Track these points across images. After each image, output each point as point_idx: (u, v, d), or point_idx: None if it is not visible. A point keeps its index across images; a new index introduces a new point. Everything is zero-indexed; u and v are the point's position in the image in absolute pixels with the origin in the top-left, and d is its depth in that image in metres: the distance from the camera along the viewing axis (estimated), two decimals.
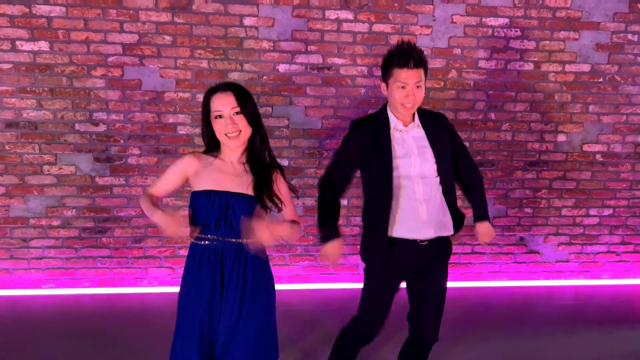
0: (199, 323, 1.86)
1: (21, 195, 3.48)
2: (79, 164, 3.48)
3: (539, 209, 3.92)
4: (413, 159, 2.13)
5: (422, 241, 2.16)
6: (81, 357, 2.87)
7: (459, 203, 2.34)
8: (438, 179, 2.19)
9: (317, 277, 3.82)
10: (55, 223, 3.53)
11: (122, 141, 3.48)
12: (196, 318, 1.86)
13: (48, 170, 3.47)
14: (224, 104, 1.85)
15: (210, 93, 1.90)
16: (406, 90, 2.05)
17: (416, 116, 2.21)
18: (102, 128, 3.45)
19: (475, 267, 3.97)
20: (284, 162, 3.63)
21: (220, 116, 1.86)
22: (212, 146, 1.96)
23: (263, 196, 1.88)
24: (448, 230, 2.24)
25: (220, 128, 1.86)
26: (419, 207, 2.13)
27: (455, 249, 3.86)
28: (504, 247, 3.95)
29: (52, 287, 3.62)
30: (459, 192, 2.38)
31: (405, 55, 2.02)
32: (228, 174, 1.90)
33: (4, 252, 3.53)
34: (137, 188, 3.54)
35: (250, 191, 1.88)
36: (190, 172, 1.92)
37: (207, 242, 1.86)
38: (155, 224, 1.90)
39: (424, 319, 2.28)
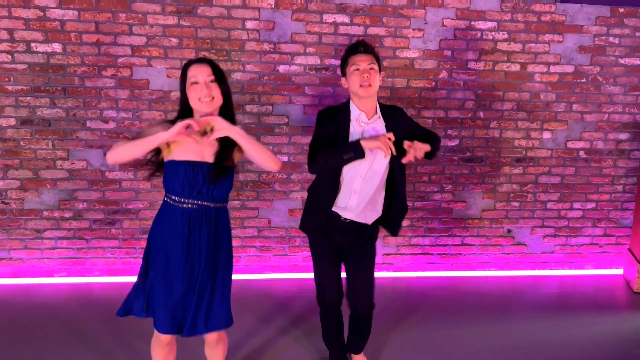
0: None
1: (35, 189, 3.65)
2: (90, 159, 3.65)
3: (525, 202, 4.11)
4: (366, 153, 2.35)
5: (345, 219, 2.47)
6: (92, 340, 3.03)
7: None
8: (384, 174, 2.43)
9: None
10: (67, 215, 3.71)
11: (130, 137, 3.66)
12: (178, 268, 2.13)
13: (61, 165, 3.64)
14: (200, 72, 2.04)
15: (188, 64, 2.09)
16: (360, 71, 2.31)
17: (378, 108, 2.44)
18: (111, 125, 3.63)
19: (465, 257, 4.16)
20: (284, 158, 3.81)
21: (196, 82, 2.03)
22: (185, 115, 2.10)
23: (222, 163, 2.07)
24: (367, 221, 2.51)
25: (194, 94, 2.03)
26: (351, 195, 2.42)
27: (445, 240, 4.10)
28: (492, 239, 4.15)
29: (64, 276, 3.78)
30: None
31: (356, 45, 2.37)
32: (204, 144, 2.06)
33: (19, 242, 3.71)
34: (145, 182, 3.72)
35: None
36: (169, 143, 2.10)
37: (187, 205, 2.06)
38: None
39: (357, 292, 2.56)
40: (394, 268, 4.10)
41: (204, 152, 2.08)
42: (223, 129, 1.97)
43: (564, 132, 4.02)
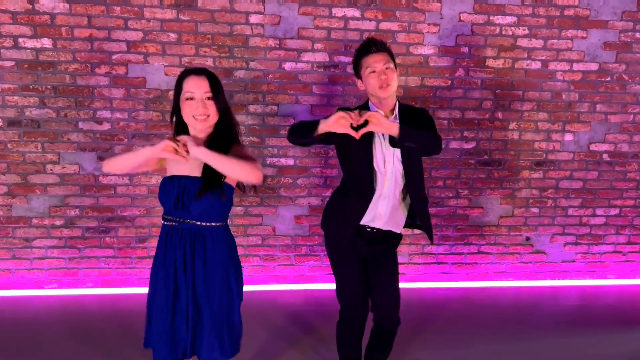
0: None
1: (24, 195, 3.43)
2: (82, 163, 3.44)
3: (545, 208, 3.90)
4: (385, 152, 2.24)
5: (372, 229, 2.32)
6: (85, 357, 2.84)
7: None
8: (402, 176, 2.30)
9: (322, 277, 3.79)
10: (58, 223, 3.49)
11: (126, 140, 3.44)
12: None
13: (51, 169, 3.42)
14: (197, 87, 1.89)
15: (184, 75, 1.94)
16: (377, 73, 2.20)
17: (396, 109, 2.31)
18: (105, 126, 3.41)
19: (481, 267, 3.94)
20: (290, 162, 3.59)
21: (191, 98, 1.89)
22: (181, 130, 1.99)
23: (209, 178, 1.92)
24: (397, 228, 2.37)
25: (189, 110, 1.90)
26: (379, 201, 2.28)
27: (460, 249, 3.88)
28: (510, 247, 3.93)
29: (55, 288, 3.59)
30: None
31: (367, 44, 2.23)
32: (192, 159, 1.89)
33: (7, 252, 3.49)
34: (142, 187, 3.50)
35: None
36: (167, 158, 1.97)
37: (169, 222, 1.96)
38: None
39: (385, 305, 2.40)
40: (406, 278, 3.88)
41: (193, 167, 1.94)
42: (190, 150, 1.84)
43: (586, 133, 3.80)
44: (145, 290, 3.61)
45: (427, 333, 3.24)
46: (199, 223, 1.95)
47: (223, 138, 1.96)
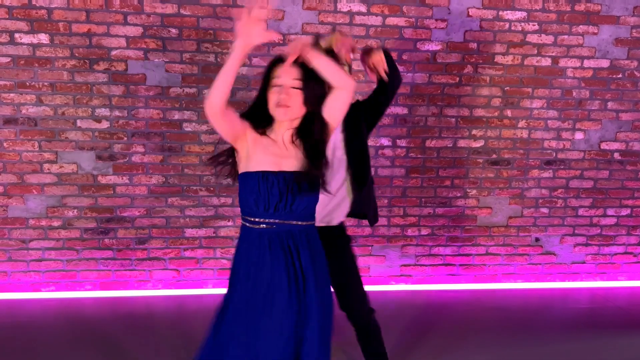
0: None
1: (20, 195, 3.34)
2: (80, 162, 3.35)
3: (555, 208, 3.81)
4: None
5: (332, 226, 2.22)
6: None
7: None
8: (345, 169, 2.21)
9: None
10: (55, 224, 3.40)
11: (125, 138, 3.35)
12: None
13: (48, 169, 3.33)
14: (286, 73, 1.72)
15: (277, 61, 1.76)
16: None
17: None
18: (104, 125, 3.32)
19: (490, 268, 3.86)
20: None
21: (278, 85, 1.72)
22: (260, 121, 1.78)
23: (315, 169, 1.74)
24: (332, 222, 2.25)
25: (273, 97, 1.73)
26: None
27: (468, 250, 3.79)
28: (519, 248, 3.84)
29: (52, 290, 3.50)
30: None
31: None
32: (282, 155, 1.75)
33: (2, 253, 3.40)
34: (142, 187, 3.41)
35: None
36: (249, 136, 1.74)
37: (264, 225, 1.74)
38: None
39: (350, 300, 2.32)
40: (413, 280, 3.79)
41: (282, 161, 1.76)
42: (294, 45, 1.69)
43: (597, 132, 3.72)
44: (144, 293, 3.53)
45: (434, 336, 3.16)
46: (301, 223, 1.78)
47: (309, 138, 1.77)
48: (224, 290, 1.89)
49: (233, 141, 1.75)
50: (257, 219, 1.74)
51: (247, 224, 1.77)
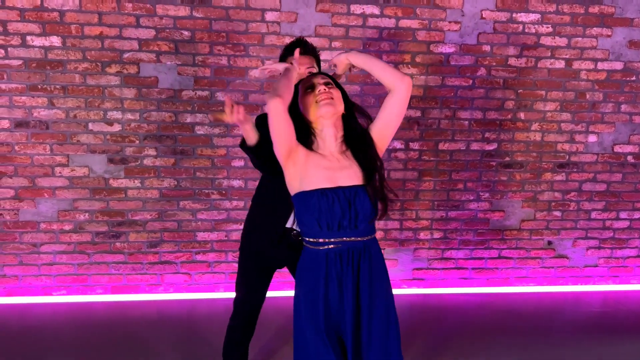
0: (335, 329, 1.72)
1: (31, 198, 3.32)
2: (92, 166, 3.32)
3: (568, 212, 3.79)
4: None
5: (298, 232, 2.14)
6: None
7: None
8: None
9: None
10: (67, 227, 3.38)
11: (137, 141, 3.32)
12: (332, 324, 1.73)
13: (60, 172, 3.31)
14: (316, 78, 1.76)
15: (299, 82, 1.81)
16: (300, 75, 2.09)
17: None
18: (116, 128, 3.30)
19: (502, 272, 3.83)
20: None
21: (311, 87, 1.73)
22: (304, 138, 1.76)
23: (375, 185, 1.72)
24: None
25: (311, 99, 1.72)
26: None
27: (480, 253, 3.77)
28: (531, 251, 3.82)
29: (63, 294, 3.48)
30: None
31: (294, 45, 2.16)
32: (336, 169, 1.71)
33: (13, 257, 3.38)
34: (153, 191, 3.38)
35: (362, 181, 1.72)
36: (300, 152, 1.71)
37: (331, 245, 1.69)
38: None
39: None
40: (425, 284, 3.77)
41: (337, 175, 1.72)
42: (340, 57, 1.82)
43: (611, 135, 3.69)
44: (156, 297, 3.51)
45: (446, 340, 3.14)
46: (364, 238, 1.72)
47: (362, 145, 1.76)
48: (235, 294, 1.83)
49: (287, 155, 1.70)
50: (321, 240, 1.69)
51: (311, 246, 1.72)
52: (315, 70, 2.20)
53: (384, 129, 1.79)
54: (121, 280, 3.49)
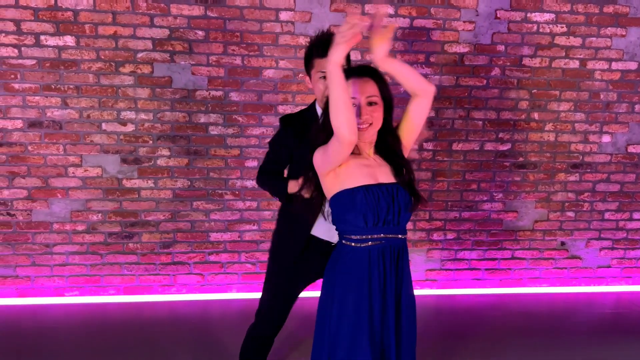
0: (370, 328, 1.69)
1: (44, 199, 3.30)
2: (105, 166, 3.31)
3: (581, 212, 3.77)
4: None
5: (333, 244, 2.05)
6: None
7: None
8: None
9: None
10: (79, 228, 3.36)
11: (151, 142, 3.31)
12: (367, 323, 1.70)
13: (73, 172, 3.29)
14: (360, 91, 1.65)
15: (347, 74, 1.66)
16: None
17: None
18: (130, 128, 3.28)
19: (515, 272, 3.82)
20: None
21: (352, 104, 1.63)
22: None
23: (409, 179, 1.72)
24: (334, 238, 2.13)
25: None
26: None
27: (493, 254, 3.75)
28: (544, 252, 3.80)
29: (76, 295, 3.47)
30: None
31: (324, 45, 1.92)
32: (374, 166, 1.70)
33: (26, 258, 3.36)
34: (167, 191, 3.37)
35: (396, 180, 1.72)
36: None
37: (375, 242, 1.67)
38: None
39: None
40: (438, 285, 3.75)
41: (376, 172, 1.71)
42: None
43: (625, 135, 3.68)
44: (169, 297, 3.49)
45: (459, 341, 3.13)
46: (402, 236, 1.73)
47: (392, 149, 1.75)
48: (248, 295, 1.78)
49: (334, 168, 1.68)
50: (364, 236, 1.68)
51: (353, 244, 1.70)
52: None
53: (407, 135, 1.79)
54: (134, 281, 3.47)
